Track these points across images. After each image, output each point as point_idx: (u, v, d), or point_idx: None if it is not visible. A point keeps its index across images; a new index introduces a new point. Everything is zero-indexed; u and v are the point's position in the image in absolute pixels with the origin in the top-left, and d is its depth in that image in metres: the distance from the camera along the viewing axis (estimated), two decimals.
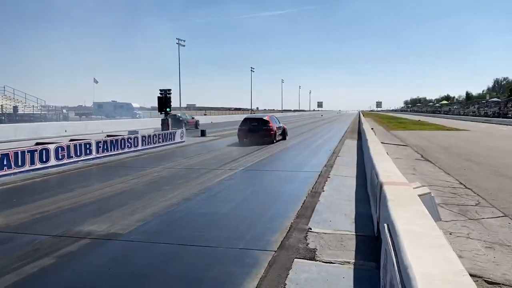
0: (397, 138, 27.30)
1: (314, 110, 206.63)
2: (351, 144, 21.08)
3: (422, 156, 16.93)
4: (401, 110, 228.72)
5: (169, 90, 23.95)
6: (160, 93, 23.88)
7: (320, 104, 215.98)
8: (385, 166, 6.65)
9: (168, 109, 23.85)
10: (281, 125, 23.21)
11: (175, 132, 21.42)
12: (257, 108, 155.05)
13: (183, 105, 78.41)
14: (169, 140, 20.64)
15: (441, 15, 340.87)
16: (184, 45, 65.21)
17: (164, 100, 23.74)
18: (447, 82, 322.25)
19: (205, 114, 70.98)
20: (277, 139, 21.75)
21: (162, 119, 24.29)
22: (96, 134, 22.07)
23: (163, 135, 20.35)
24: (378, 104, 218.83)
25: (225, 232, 6.30)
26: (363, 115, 70.69)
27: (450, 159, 16.16)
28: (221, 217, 7.25)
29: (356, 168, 12.70)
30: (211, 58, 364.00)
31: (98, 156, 15.22)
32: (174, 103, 26.20)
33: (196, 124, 38.16)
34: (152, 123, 35.16)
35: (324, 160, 14.65)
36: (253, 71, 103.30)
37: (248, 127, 21.03)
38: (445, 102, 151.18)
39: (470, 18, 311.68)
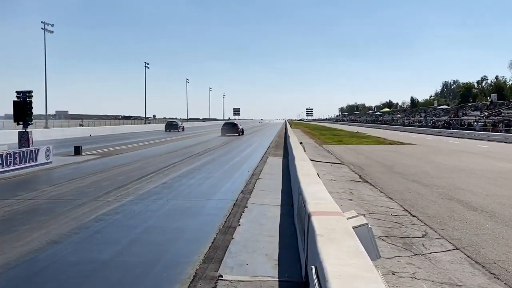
0: (331, 155, 28.50)
1: (229, 119, 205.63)
2: (276, 163, 21.55)
3: (360, 177, 17.83)
4: (336, 120, 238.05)
5: (30, 92, 22.79)
6: (17, 96, 22.62)
7: (237, 112, 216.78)
8: (315, 191, 6.93)
9: (28, 118, 22.65)
10: (241, 127, 56.47)
11: (38, 150, 20.39)
12: (154, 116, 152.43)
13: (51, 111, 74.41)
14: (29, 161, 19.59)
15: (381, 6, 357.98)
16: (52, 31, 62.65)
17: (22, 106, 22.52)
18: (390, 86, 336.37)
19: (80, 125, 68.38)
20: (240, 134, 52.42)
21: (20, 132, 23.01)
22: None
23: (21, 154, 19.28)
24: (309, 111, 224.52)
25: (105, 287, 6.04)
26: (291, 126, 72.89)
27: (393, 180, 17.12)
28: (101, 266, 6.98)
29: (281, 193, 12.97)
30: (92, 51, 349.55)
31: None
32: (38, 109, 24.96)
33: (183, 128, 71.55)
34: (5, 138, 33.13)
35: (241, 185, 14.82)
36: (148, 67, 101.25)
37: (227, 127, 53.74)
38: (387, 109, 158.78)
39: (414, 10, 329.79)
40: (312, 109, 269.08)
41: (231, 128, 53.94)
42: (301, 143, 23.62)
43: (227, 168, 20.17)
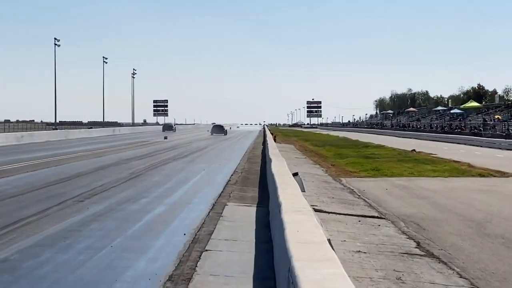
0: (358, 199, 19.52)
1: (145, 123, 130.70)
2: (241, 217, 14.42)
3: (419, 246, 12.24)
4: (370, 124, 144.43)
5: None
6: None
7: (161, 108, 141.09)
8: (323, 278, 4.51)
9: None
10: (226, 128, 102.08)
11: None
12: (18, 121, 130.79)
13: None
14: None
15: None
16: None
17: None
18: (478, 56, 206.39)
19: None
20: (225, 134, 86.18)
21: None
22: None
23: None
24: (314, 109, 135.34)
25: None
26: (275, 138, 47.98)
27: (487, 252, 12.26)
28: None
29: (254, 282, 8.56)
30: None
31: None
32: None
33: (175, 129, 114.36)
34: None
35: (169, 264, 9.57)
36: None
37: (216, 128, 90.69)
38: (473, 104, 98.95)
39: None
40: (319, 102, 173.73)
41: (219, 129, 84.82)
42: (295, 174, 15.94)
43: (140, 227, 13.18)
